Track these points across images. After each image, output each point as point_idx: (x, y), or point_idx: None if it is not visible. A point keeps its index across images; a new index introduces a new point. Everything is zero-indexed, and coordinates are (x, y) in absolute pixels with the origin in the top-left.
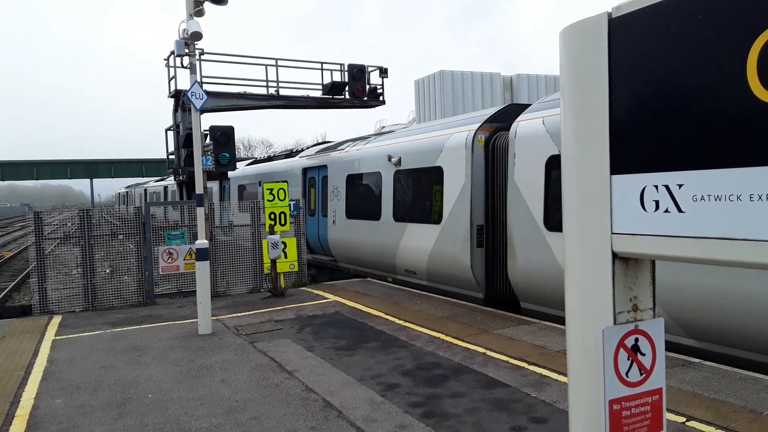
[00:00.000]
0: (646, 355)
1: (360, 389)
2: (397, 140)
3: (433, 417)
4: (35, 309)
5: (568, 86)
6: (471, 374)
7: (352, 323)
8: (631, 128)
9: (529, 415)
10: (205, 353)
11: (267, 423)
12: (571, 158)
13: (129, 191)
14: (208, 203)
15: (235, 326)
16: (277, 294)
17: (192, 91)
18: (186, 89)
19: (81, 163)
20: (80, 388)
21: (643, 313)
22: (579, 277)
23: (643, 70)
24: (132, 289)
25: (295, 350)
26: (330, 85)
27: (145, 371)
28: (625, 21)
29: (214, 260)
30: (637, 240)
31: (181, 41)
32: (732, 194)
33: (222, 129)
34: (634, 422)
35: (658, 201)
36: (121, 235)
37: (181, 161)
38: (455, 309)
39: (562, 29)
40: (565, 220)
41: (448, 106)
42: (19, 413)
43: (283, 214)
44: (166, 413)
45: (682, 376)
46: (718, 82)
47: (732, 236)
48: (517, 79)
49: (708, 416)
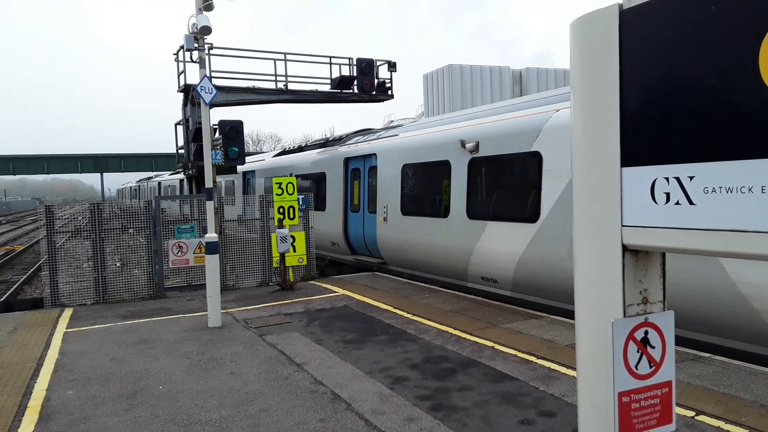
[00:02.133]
0: (656, 347)
1: (368, 382)
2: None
3: (441, 410)
4: (47, 302)
5: (578, 78)
6: (479, 368)
7: (360, 317)
8: (642, 120)
9: (537, 408)
10: (215, 346)
11: (276, 415)
12: (581, 151)
13: (141, 185)
14: (217, 197)
15: (244, 319)
16: (286, 288)
17: (201, 85)
18: (195, 84)
19: (91, 157)
20: (91, 380)
21: (653, 306)
22: (589, 269)
23: (655, 61)
24: (142, 282)
25: (303, 343)
26: (338, 80)
27: (156, 363)
28: (636, 12)
29: (224, 254)
30: (647, 232)
31: (191, 35)
32: (744, 186)
33: (231, 123)
34: (643, 415)
35: (669, 193)
36: (131, 228)
37: (190, 155)
38: (464, 303)
39: (573, 21)
40: (575, 213)
41: (456, 100)
42: (32, 404)
43: (292, 208)
44: (176, 404)
45: (691, 370)
46: (730, 73)
47: (744, 228)
48: (527, 73)
49: (717, 411)
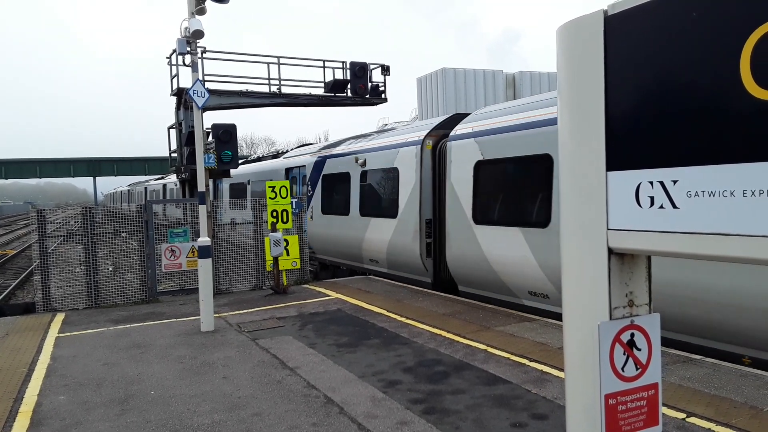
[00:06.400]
0: (642, 350)
1: (361, 386)
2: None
3: (434, 413)
4: (39, 306)
5: (564, 83)
6: (472, 371)
7: (353, 320)
8: (627, 125)
9: (529, 411)
10: (208, 350)
11: (269, 419)
12: (567, 155)
13: (131, 189)
14: (210, 201)
15: (237, 323)
16: (280, 291)
17: (194, 89)
18: (188, 87)
19: (84, 161)
20: (83, 385)
21: (639, 309)
22: (575, 272)
23: (639, 67)
24: (135, 286)
25: (297, 347)
26: (332, 83)
27: (148, 368)
28: (620, 18)
29: (217, 258)
30: (632, 236)
31: (183, 39)
32: (726, 190)
33: (224, 127)
34: (629, 417)
35: (653, 197)
36: (123, 233)
37: (183, 159)
38: (457, 306)
39: (559, 27)
40: (562, 216)
41: (450, 104)
42: (23, 410)
43: (285, 212)
44: (168, 409)
45: (682, 372)
46: (712, 79)
47: (726, 232)
48: (520, 77)
49: (708, 412)
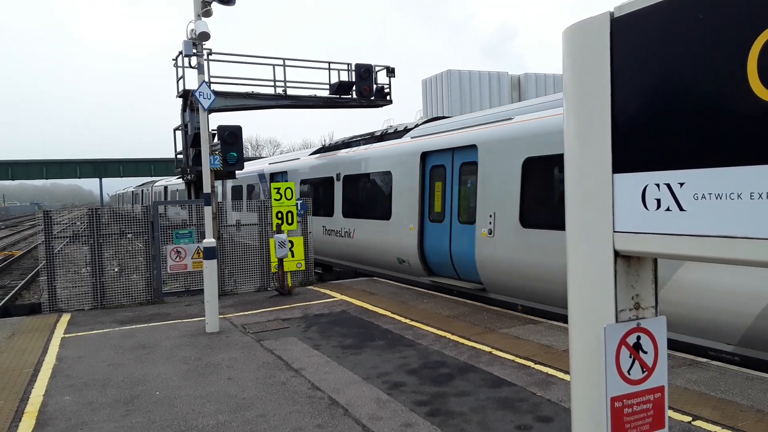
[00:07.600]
0: (648, 353)
1: (366, 387)
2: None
3: (438, 415)
4: (45, 307)
5: (570, 85)
6: (477, 373)
7: (358, 322)
8: (633, 127)
9: (534, 414)
10: (213, 351)
11: (273, 420)
12: (573, 157)
13: (144, 189)
14: (215, 202)
15: (242, 325)
16: (284, 293)
17: (200, 91)
18: (194, 89)
19: (90, 162)
20: (89, 386)
21: (645, 311)
22: (581, 275)
23: (645, 69)
24: (140, 287)
25: (301, 348)
26: (337, 85)
27: (153, 369)
28: (626, 21)
29: (222, 259)
30: (638, 238)
31: (189, 41)
32: (733, 193)
33: (230, 128)
34: (635, 420)
35: (660, 199)
36: (129, 233)
37: (189, 161)
38: (461, 308)
39: (565, 29)
40: (568, 219)
41: (455, 106)
42: (29, 410)
43: (290, 213)
44: (173, 410)
45: (688, 375)
46: (719, 81)
47: (733, 234)
48: (525, 78)
49: (714, 416)
